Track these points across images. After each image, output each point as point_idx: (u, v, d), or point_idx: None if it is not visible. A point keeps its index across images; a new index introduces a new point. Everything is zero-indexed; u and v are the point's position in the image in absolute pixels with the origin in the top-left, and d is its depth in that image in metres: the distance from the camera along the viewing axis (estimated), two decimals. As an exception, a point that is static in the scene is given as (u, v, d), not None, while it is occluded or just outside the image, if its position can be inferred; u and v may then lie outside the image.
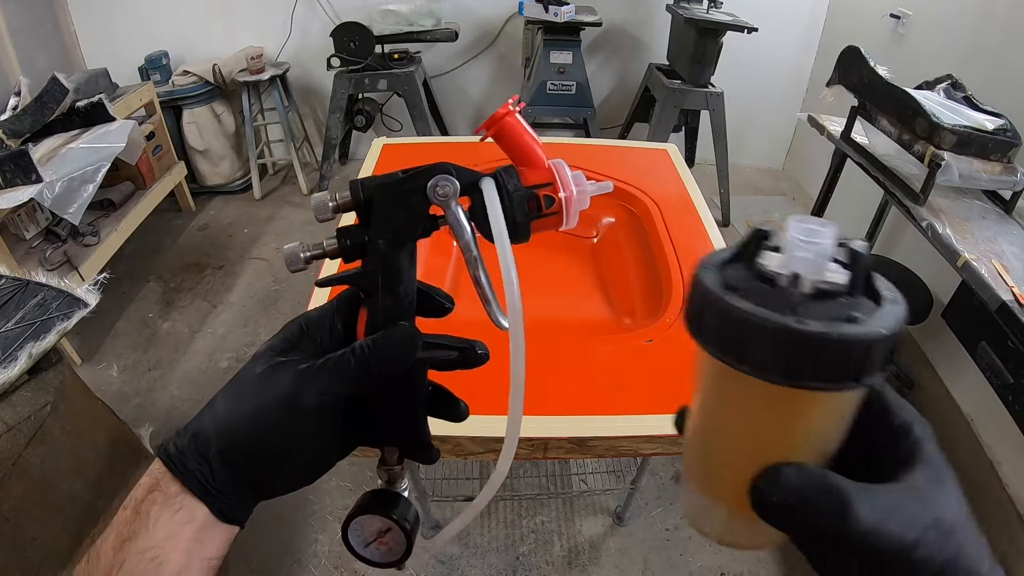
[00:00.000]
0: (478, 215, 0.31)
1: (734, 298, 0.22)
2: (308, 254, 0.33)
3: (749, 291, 0.22)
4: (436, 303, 0.35)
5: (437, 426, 0.81)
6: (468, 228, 0.31)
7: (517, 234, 0.31)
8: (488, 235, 0.31)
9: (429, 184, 0.30)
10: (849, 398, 0.24)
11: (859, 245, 0.23)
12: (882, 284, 0.24)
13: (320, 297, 0.95)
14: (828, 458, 0.25)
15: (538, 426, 0.81)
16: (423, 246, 1.15)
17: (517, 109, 0.35)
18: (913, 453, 0.25)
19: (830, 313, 0.21)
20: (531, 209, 0.32)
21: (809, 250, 0.22)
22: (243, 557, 1.42)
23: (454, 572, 1.42)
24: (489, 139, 0.35)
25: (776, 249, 0.23)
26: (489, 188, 0.31)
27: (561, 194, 0.32)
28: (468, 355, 0.35)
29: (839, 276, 0.22)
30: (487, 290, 0.32)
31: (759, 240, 0.24)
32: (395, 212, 0.31)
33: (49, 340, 1.02)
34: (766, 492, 0.24)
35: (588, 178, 0.34)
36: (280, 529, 1.48)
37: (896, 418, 0.26)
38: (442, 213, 0.32)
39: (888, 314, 0.22)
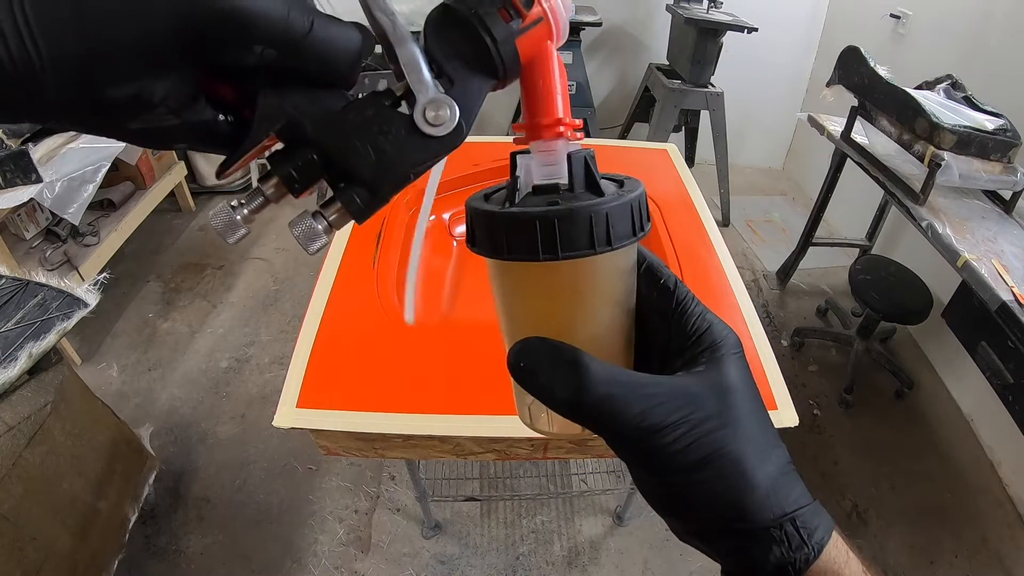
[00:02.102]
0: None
1: (477, 203, 0.26)
2: (247, 211, 0.25)
3: (493, 198, 0.27)
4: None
5: (437, 426, 0.81)
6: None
7: (506, 64, 0.25)
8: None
9: (417, 111, 0.24)
10: (572, 271, 0.25)
11: (579, 152, 0.26)
12: (628, 186, 0.26)
13: (322, 296, 0.95)
14: (605, 344, 0.27)
15: (538, 426, 0.81)
16: (423, 247, 1.15)
17: None
18: (700, 357, 0.26)
19: (538, 203, 0.25)
20: (505, 19, 0.25)
21: (531, 159, 0.26)
22: (243, 557, 1.42)
23: (454, 572, 1.42)
24: None
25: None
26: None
27: None
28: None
29: (560, 178, 0.26)
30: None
31: (514, 161, 0.27)
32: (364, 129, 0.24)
33: (49, 340, 1.02)
34: (512, 358, 0.25)
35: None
36: (280, 529, 1.48)
37: (691, 323, 0.27)
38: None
39: (595, 201, 0.24)
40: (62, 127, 0.21)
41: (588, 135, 2.77)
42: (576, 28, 2.59)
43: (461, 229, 1.29)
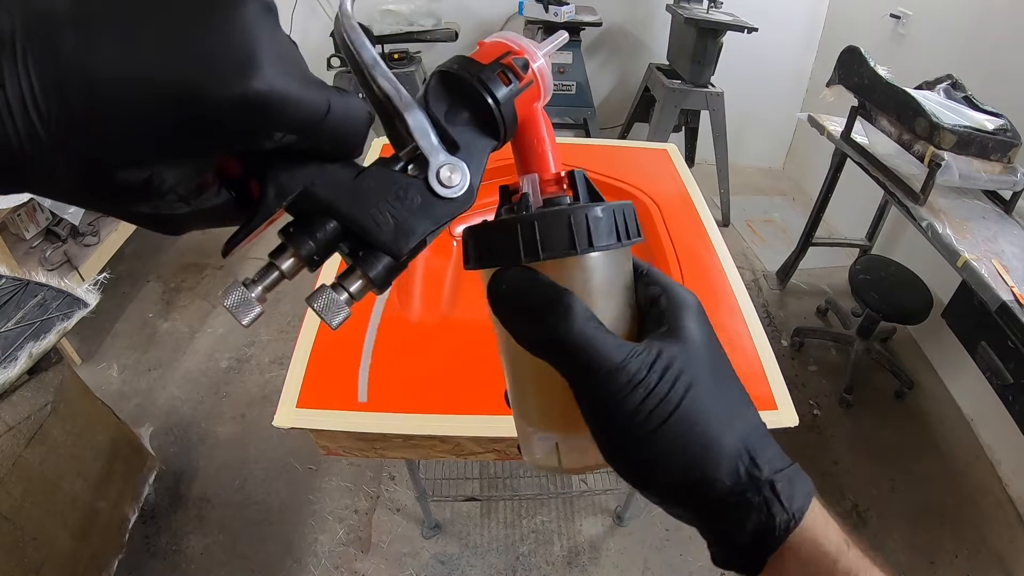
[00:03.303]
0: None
1: (485, 224, 0.26)
2: (260, 288, 0.24)
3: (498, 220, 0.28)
4: None
5: (437, 426, 0.81)
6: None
7: (507, 125, 0.26)
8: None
9: (431, 174, 0.25)
10: (597, 265, 0.26)
11: (577, 172, 0.28)
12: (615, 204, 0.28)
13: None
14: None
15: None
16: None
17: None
18: (662, 318, 0.26)
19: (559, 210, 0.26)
20: (505, 82, 0.26)
21: (533, 178, 0.28)
22: (243, 557, 1.42)
23: (454, 572, 1.42)
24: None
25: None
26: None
27: (526, 56, 0.27)
28: None
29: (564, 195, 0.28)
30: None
31: (507, 193, 0.29)
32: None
33: (49, 340, 1.02)
34: (494, 283, 0.25)
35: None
36: (280, 529, 1.48)
37: (649, 287, 0.28)
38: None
39: (612, 203, 0.26)
40: (74, 204, 0.20)
41: (588, 135, 2.77)
42: (576, 28, 2.59)
43: (461, 229, 1.29)
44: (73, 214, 1.74)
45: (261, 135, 0.20)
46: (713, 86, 2.55)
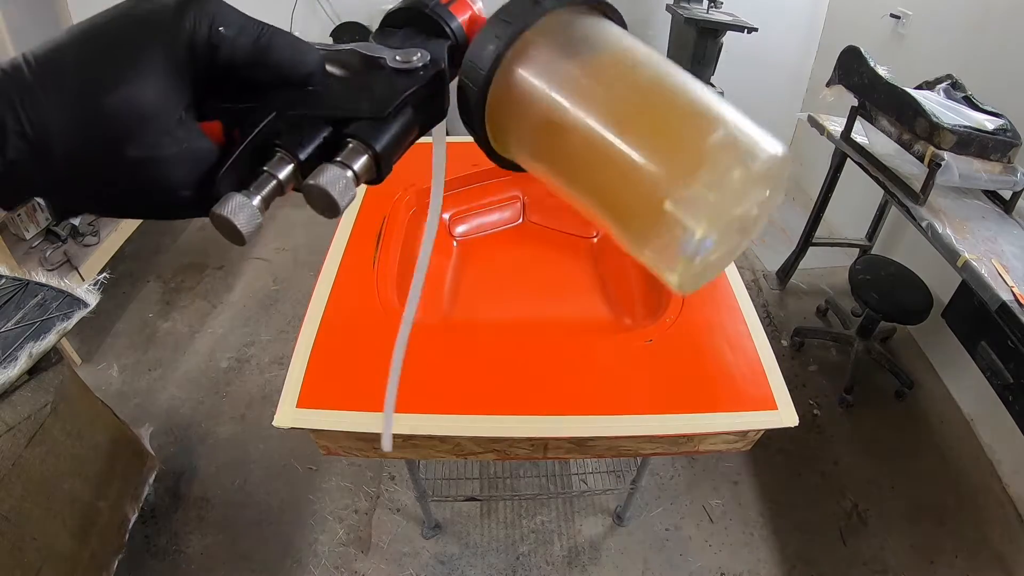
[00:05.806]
0: None
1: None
2: (259, 198, 0.23)
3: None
4: None
5: (437, 426, 0.81)
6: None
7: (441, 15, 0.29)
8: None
9: (388, 62, 0.27)
10: None
11: None
12: None
13: (322, 296, 0.95)
14: None
15: (538, 426, 0.81)
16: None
17: None
18: None
19: None
20: None
21: None
22: (243, 557, 1.42)
23: (454, 572, 1.42)
24: None
25: None
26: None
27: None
28: None
29: None
30: None
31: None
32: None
33: (49, 340, 1.02)
34: None
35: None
36: (280, 529, 1.48)
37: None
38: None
39: None
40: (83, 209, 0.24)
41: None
42: (576, 28, 2.58)
43: (461, 229, 1.29)
44: (73, 214, 1.74)
45: (204, 25, 0.24)
46: (713, 86, 2.54)
